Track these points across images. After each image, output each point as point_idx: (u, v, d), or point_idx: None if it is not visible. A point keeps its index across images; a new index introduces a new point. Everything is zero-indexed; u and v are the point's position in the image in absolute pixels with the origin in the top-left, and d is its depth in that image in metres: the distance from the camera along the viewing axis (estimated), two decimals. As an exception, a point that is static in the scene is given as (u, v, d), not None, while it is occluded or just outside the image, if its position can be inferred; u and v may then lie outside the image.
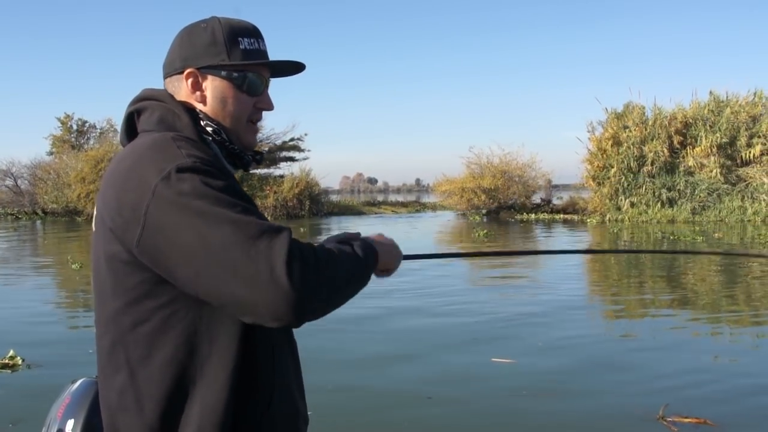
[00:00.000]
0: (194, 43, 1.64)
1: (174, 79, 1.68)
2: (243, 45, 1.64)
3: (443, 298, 10.58)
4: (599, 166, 32.24)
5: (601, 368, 6.68)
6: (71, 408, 1.75)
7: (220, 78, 1.64)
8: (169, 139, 1.50)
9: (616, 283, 12.94)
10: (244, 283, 1.30)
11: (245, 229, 1.33)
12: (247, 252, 1.31)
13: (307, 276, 1.33)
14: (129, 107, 1.68)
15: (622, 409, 5.42)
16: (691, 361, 6.90)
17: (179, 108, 1.61)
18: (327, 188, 44.90)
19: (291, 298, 1.29)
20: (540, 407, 5.49)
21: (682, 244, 19.38)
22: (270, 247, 1.31)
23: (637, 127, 31.53)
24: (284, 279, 1.29)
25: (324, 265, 1.39)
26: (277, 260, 1.30)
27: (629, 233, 24.49)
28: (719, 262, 14.67)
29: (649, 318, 9.45)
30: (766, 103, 31.75)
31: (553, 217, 33.43)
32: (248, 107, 1.68)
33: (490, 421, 5.28)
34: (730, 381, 6.19)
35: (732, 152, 30.79)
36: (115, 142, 39.43)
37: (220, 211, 1.34)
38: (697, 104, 32.55)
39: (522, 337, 7.98)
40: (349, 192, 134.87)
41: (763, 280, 12.61)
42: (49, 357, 7.03)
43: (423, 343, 7.74)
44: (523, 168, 36.99)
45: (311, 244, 1.43)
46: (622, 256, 16.19)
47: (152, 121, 1.61)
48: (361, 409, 5.58)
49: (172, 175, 1.38)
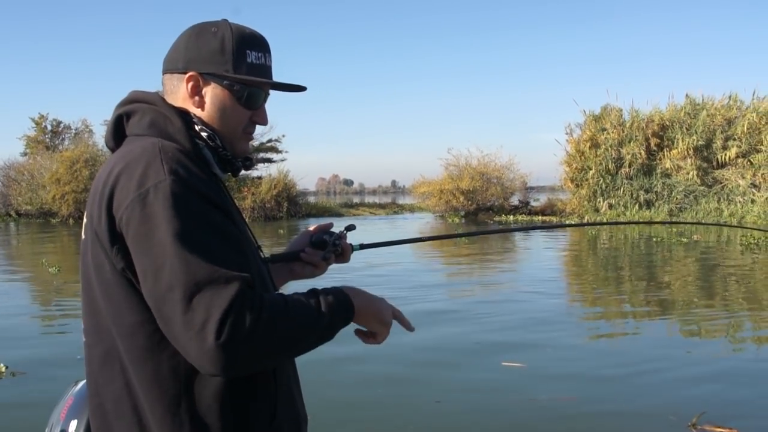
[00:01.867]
0: (201, 46, 1.62)
1: (174, 78, 1.65)
2: (250, 58, 1.63)
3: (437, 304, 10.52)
4: (577, 168, 32.48)
5: (623, 373, 6.55)
6: (74, 409, 1.73)
7: (222, 87, 1.62)
8: (156, 151, 1.48)
9: (636, 286, 12.94)
10: (179, 326, 1.33)
11: (195, 273, 1.33)
12: (188, 298, 1.32)
13: (240, 335, 1.31)
14: (117, 109, 1.65)
15: (649, 416, 5.31)
16: (725, 367, 6.73)
17: (171, 112, 1.60)
18: (304, 190, 44.78)
19: (213, 356, 1.30)
20: (559, 412, 5.40)
21: (660, 246, 19.46)
22: (211, 299, 1.31)
23: (615, 130, 31.83)
24: (211, 337, 1.29)
25: (266, 324, 1.36)
26: (212, 315, 1.30)
27: (608, 234, 24.59)
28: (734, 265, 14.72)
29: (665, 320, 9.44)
30: (741, 106, 32.19)
31: (532, 219, 33.56)
32: (245, 119, 1.68)
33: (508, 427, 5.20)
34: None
35: (708, 154, 31.23)
36: (90, 143, 39.07)
37: (176, 246, 1.35)
38: (673, 107, 33.01)
39: (533, 341, 7.85)
40: (325, 194, 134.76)
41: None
42: (32, 364, 6.88)
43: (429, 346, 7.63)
44: (502, 170, 37.07)
45: (267, 296, 1.41)
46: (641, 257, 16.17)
47: (143, 124, 1.59)
48: (366, 414, 5.49)
49: (150, 194, 1.39)
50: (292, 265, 2.03)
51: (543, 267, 15.42)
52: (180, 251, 1.34)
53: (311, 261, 2.01)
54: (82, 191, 33.73)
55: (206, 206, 1.44)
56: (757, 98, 32.34)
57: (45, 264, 15.33)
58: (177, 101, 1.65)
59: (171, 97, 1.66)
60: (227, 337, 1.29)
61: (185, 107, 1.64)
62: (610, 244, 21.50)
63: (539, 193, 40.40)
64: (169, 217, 1.37)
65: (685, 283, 12.70)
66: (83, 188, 33.73)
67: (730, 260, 16.09)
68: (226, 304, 1.31)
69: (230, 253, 1.41)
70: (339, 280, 1.94)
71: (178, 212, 1.38)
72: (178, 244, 1.35)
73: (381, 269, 13.67)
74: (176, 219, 1.37)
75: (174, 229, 1.36)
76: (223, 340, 1.29)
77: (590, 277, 14.19)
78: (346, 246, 2.06)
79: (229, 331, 1.30)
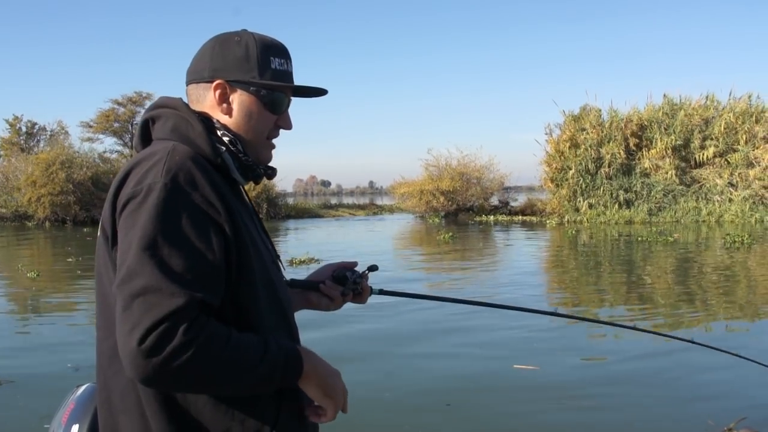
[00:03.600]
0: (226, 55, 1.66)
1: (200, 87, 1.69)
2: (274, 65, 1.68)
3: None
4: (557, 168, 32.55)
5: (643, 377, 6.43)
6: (76, 413, 1.75)
7: (248, 93, 1.67)
8: (164, 154, 1.51)
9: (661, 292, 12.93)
10: (117, 322, 1.37)
11: (145, 277, 1.36)
12: (130, 298, 1.35)
13: (162, 350, 1.32)
14: (145, 114, 1.70)
15: (685, 419, 5.24)
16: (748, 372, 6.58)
17: (193, 117, 1.62)
18: (282, 191, 44.73)
19: (131, 361, 1.33)
20: (576, 417, 5.35)
21: (641, 245, 19.54)
22: (149, 306, 1.34)
23: (594, 130, 31.96)
24: (134, 342, 1.31)
25: (195, 351, 1.35)
26: (141, 322, 1.32)
27: (588, 234, 24.70)
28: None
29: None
30: (718, 106, 32.52)
31: (512, 219, 33.66)
32: (270, 124, 1.72)
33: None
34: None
35: (686, 154, 31.50)
36: (66, 145, 38.58)
37: (141, 248, 1.38)
38: (651, 107, 33.26)
39: (547, 346, 7.76)
40: (303, 195, 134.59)
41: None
42: (22, 372, 6.72)
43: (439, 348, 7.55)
44: (481, 170, 37.17)
45: (213, 326, 1.40)
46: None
47: (166, 129, 1.62)
48: (377, 417, 5.37)
49: (141, 193, 1.44)
50: (309, 294, 2.06)
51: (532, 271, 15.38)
52: (140, 254, 1.38)
53: (329, 294, 2.05)
54: (59, 194, 33.38)
55: (193, 216, 1.45)
56: (734, 98, 32.79)
57: (22, 269, 15.04)
58: (204, 110, 1.68)
59: (197, 106, 1.69)
60: (148, 347, 1.31)
61: (211, 114, 1.67)
62: (589, 241, 21.54)
63: (516, 193, 40.57)
64: (146, 219, 1.41)
65: (716, 286, 12.71)
66: (59, 191, 33.38)
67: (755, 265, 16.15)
68: (159, 316, 1.32)
69: (194, 269, 1.41)
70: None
71: (158, 217, 1.41)
72: (141, 247, 1.38)
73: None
74: (152, 223, 1.40)
75: (145, 232, 1.39)
76: (143, 348, 1.31)
77: (608, 285, 14.17)
78: (365, 286, 2.09)
79: (152, 342, 1.31)
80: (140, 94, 43.21)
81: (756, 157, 30.28)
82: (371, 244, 21.39)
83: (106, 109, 42.03)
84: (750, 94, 32.61)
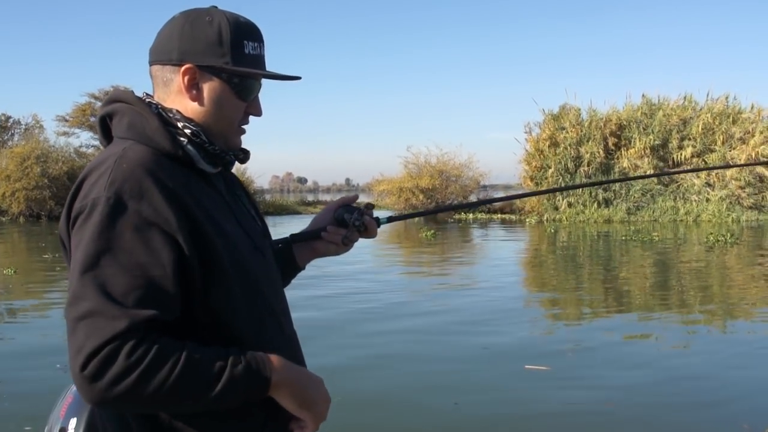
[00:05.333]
0: (197, 37, 1.55)
1: (167, 70, 1.58)
2: (247, 49, 1.59)
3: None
4: (537, 167, 32.67)
5: (693, 376, 6.30)
6: (74, 407, 1.72)
7: (219, 80, 1.57)
8: (111, 163, 1.44)
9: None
10: (68, 347, 1.32)
11: (88, 299, 1.32)
12: (74, 320, 1.32)
13: (105, 375, 1.29)
14: (101, 110, 1.62)
15: (720, 422, 5.14)
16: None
17: (147, 111, 1.54)
18: (258, 188, 44.52)
19: (79, 384, 1.31)
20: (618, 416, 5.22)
21: (619, 244, 19.65)
22: (91, 330, 1.30)
23: (573, 129, 32.10)
24: (77, 367, 1.29)
25: (139, 374, 1.30)
26: (84, 347, 1.29)
27: (567, 232, 24.82)
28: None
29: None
30: (695, 107, 32.83)
31: (491, 217, 33.71)
32: (241, 111, 1.63)
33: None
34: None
35: (664, 154, 31.76)
36: (42, 139, 37.99)
37: (85, 269, 1.34)
38: (630, 107, 33.50)
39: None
40: (279, 191, 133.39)
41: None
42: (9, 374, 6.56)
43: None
44: (461, 168, 37.25)
45: (160, 345, 1.34)
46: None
47: (122, 126, 1.54)
48: (384, 416, 5.32)
49: (86, 209, 1.39)
50: (314, 244, 2.02)
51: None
52: (84, 274, 1.34)
53: (333, 240, 1.99)
54: (34, 188, 32.91)
55: (138, 230, 1.38)
56: (711, 99, 33.15)
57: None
58: (170, 94, 1.59)
59: (163, 90, 1.60)
60: (92, 372, 1.28)
61: (178, 101, 1.58)
62: (568, 239, 21.63)
63: (494, 192, 40.71)
64: (88, 238, 1.36)
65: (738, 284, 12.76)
66: (34, 185, 32.91)
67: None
68: (101, 341, 1.29)
69: (140, 286, 1.35)
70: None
71: (100, 235, 1.36)
72: (84, 267, 1.34)
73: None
74: (93, 242, 1.36)
75: (87, 252, 1.35)
76: (86, 374, 1.29)
77: (639, 288, 14.20)
78: (369, 222, 1.99)
79: (95, 367, 1.29)
80: (118, 88, 42.72)
81: (733, 158, 30.57)
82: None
83: (82, 103, 41.26)
84: (727, 94, 33.08)
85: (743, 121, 31.66)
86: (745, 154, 30.24)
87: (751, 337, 8.14)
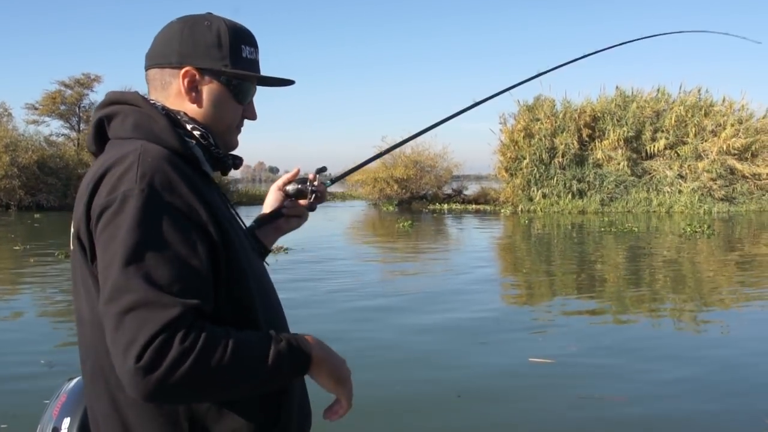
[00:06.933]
0: (197, 41, 1.57)
1: (166, 73, 1.59)
2: (245, 53, 1.62)
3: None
4: (512, 158, 32.79)
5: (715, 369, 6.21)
6: (67, 406, 1.71)
7: (218, 82, 1.59)
8: (135, 157, 1.41)
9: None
10: (110, 341, 1.30)
11: (135, 291, 1.29)
12: (121, 314, 1.28)
13: (162, 364, 1.26)
14: (97, 112, 1.59)
15: (740, 413, 5.07)
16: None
17: (155, 112, 1.53)
18: (231, 177, 44.30)
19: (131, 379, 1.26)
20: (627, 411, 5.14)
21: (592, 235, 19.78)
22: (143, 321, 1.27)
23: (548, 120, 32.28)
24: (131, 360, 1.25)
25: (194, 360, 1.28)
26: (137, 339, 1.26)
27: (541, 223, 24.96)
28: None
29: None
30: (668, 99, 33.18)
31: (465, 208, 33.82)
32: (238, 114, 1.66)
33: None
34: None
35: (638, 146, 32.15)
36: (10, 128, 37.27)
37: (127, 261, 1.31)
38: (604, 99, 33.80)
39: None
40: (251, 181, 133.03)
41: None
42: None
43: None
44: (435, 158, 37.30)
45: (210, 331, 1.33)
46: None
47: (126, 127, 1.52)
48: (386, 407, 5.20)
49: (116, 202, 1.35)
50: (277, 223, 2.04)
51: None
52: (126, 267, 1.30)
53: (296, 213, 2.04)
54: (2, 178, 32.34)
55: (174, 222, 1.37)
56: (684, 92, 33.67)
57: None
58: (169, 97, 1.59)
59: (161, 93, 1.60)
60: (148, 363, 1.25)
61: (178, 103, 1.58)
62: (543, 230, 21.72)
63: (466, 182, 40.83)
64: (126, 230, 1.32)
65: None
66: (3, 174, 32.34)
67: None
68: (155, 329, 1.26)
69: (183, 277, 1.34)
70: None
71: (138, 226, 1.33)
72: (126, 260, 1.31)
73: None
74: (132, 234, 1.32)
75: (126, 244, 1.31)
76: (142, 365, 1.25)
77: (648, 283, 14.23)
78: (322, 188, 2.05)
79: (151, 357, 1.25)
80: (88, 75, 41.70)
81: (704, 150, 31.05)
82: (336, 233, 21.14)
83: (52, 91, 40.47)
84: (699, 87, 33.63)
85: (715, 113, 32.13)
86: (717, 146, 30.66)
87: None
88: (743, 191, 30.96)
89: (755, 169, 30.91)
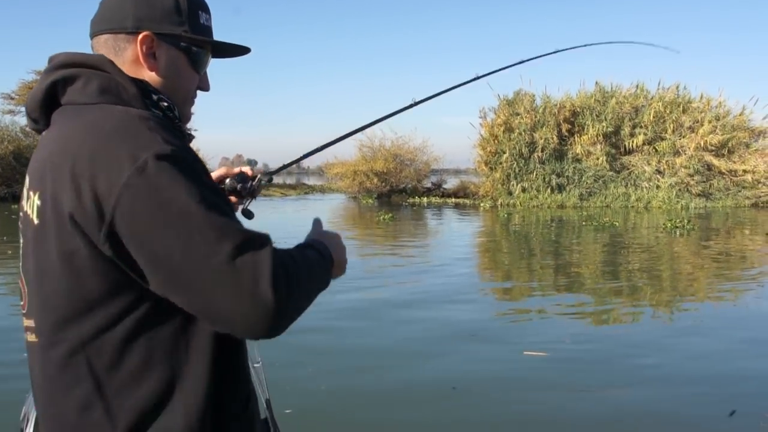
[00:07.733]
0: (154, 4, 1.48)
1: (120, 39, 1.48)
2: (202, 19, 1.55)
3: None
4: (491, 152, 32.87)
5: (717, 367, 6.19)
6: None
7: (177, 49, 1.51)
8: (136, 119, 1.34)
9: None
10: (224, 294, 1.24)
11: (231, 237, 1.25)
12: (231, 263, 1.23)
13: (287, 292, 1.28)
14: (49, 75, 1.44)
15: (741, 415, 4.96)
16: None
17: (124, 77, 1.43)
18: (211, 169, 43.93)
19: (271, 314, 1.24)
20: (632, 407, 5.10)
21: (571, 228, 19.90)
22: (255, 260, 1.25)
23: (528, 114, 32.36)
24: (269, 295, 1.23)
25: (297, 280, 1.33)
26: (262, 274, 1.24)
27: (520, 217, 25.07)
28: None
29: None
30: (647, 95, 33.41)
31: (445, 201, 33.92)
32: (195, 84, 1.59)
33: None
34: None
35: (617, 141, 32.34)
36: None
37: (202, 214, 1.25)
38: (584, 94, 33.88)
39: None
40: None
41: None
42: None
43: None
44: (415, 152, 37.32)
45: (283, 252, 1.36)
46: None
47: (90, 91, 1.41)
48: (380, 401, 5.15)
49: (149, 165, 1.25)
50: None
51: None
52: (208, 218, 1.25)
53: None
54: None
55: (204, 173, 1.35)
56: (663, 88, 33.83)
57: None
58: (123, 64, 1.47)
59: (114, 60, 1.48)
60: (284, 294, 1.26)
61: (133, 71, 1.47)
62: (522, 224, 21.81)
63: (445, 176, 40.90)
64: (184, 186, 1.25)
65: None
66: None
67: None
68: (269, 263, 1.25)
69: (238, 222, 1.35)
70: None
71: (191, 179, 1.27)
72: (203, 212, 1.25)
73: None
74: (192, 186, 1.26)
75: (194, 197, 1.25)
76: (280, 298, 1.24)
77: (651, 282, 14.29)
78: (257, 186, 1.99)
79: (278, 290, 1.25)
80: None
81: (682, 146, 31.33)
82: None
83: (29, 81, 39.93)
84: (678, 84, 33.81)
85: (693, 110, 32.41)
86: (694, 142, 30.95)
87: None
88: (720, 187, 31.25)
89: (732, 165, 31.21)
